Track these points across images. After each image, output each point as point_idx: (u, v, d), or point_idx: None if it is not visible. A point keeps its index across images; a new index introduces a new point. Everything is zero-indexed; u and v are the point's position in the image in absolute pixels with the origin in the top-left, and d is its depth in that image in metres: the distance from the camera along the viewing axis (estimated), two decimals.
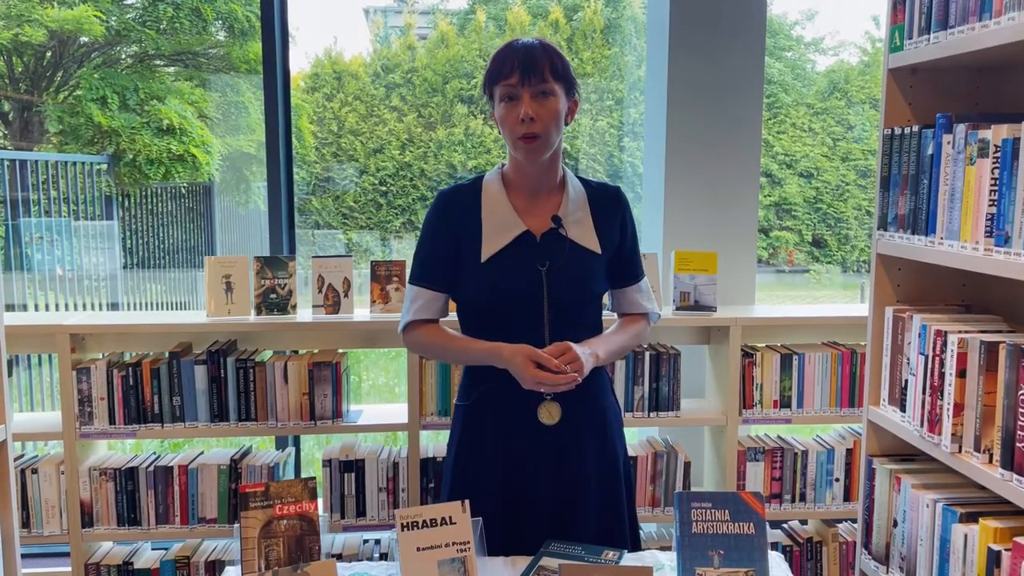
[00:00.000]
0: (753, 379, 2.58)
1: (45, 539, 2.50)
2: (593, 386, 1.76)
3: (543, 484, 1.72)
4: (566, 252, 1.72)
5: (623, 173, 7.92)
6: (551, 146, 1.69)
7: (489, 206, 1.74)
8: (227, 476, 2.51)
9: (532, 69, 1.63)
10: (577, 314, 1.73)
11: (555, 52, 1.68)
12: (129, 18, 7.65)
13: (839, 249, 9.35)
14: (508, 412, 1.72)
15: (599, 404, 1.79)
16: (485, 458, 1.74)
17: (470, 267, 1.72)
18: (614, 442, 1.80)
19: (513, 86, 1.64)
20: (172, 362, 2.46)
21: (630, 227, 1.84)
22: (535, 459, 1.72)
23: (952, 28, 1.58)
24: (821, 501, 2.63)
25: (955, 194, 1.57)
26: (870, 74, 9.40)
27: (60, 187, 6.27)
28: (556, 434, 1.71)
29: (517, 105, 1.64)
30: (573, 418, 1.72)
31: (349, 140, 8.12)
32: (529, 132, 1.64)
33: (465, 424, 1.78)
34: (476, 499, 1.70)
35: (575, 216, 1.75)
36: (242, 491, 1.41)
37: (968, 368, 1.56)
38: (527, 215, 1.74)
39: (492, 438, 1.74)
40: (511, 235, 1.71)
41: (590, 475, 1.75)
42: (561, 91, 1.67)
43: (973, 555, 1.52)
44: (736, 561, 1.41)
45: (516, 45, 1.67)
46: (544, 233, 1.72)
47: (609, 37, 8.34)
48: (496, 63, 1.67)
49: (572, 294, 1.72)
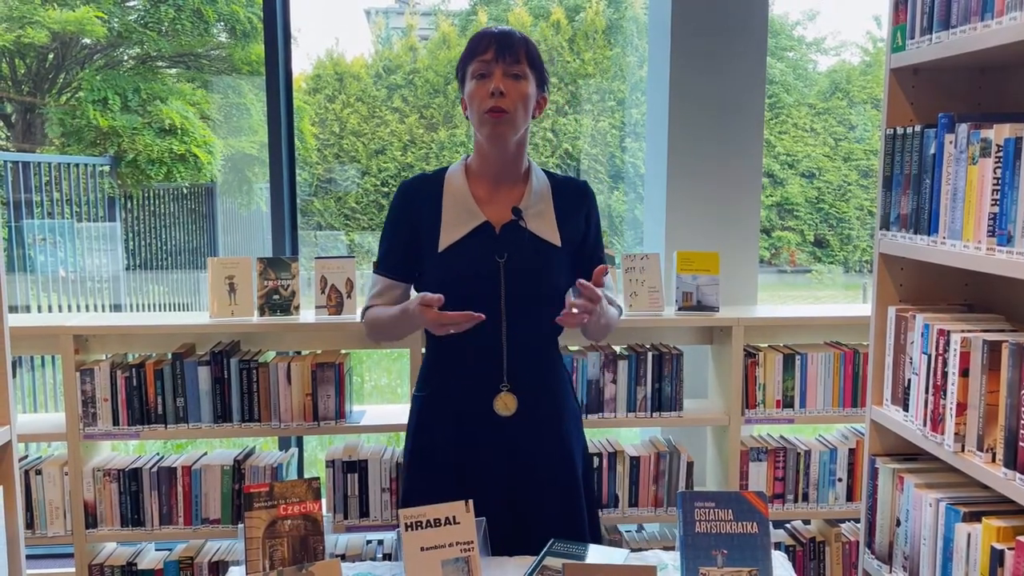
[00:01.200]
0: (756, 379, 2.58)
1: (49, 540, 2.50)
2: (551, 380, 1.77)
3: (498, 475, 1.72)
4: (525, 244, 1.71)
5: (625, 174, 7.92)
6: (517, 129, 1.68)
7: (450, 196, 1.74)
8: (230, 477, 2.52)
9: (508, 48, 1.65)
10: (536, 307, 1.72)
11: (531, 42, 1.70)
12: (131, 20, 7.66)
13: (841, 249, 9.34)
14: (464, 403, 1.73)
15: (556, 398, 1.79)
16: (441, 449, 1.75)
17: (429, 257, 1.73)
18: (570, 436, 1.81)
19: (487, 62, 1.65)
20: (175, 363, 2.46)
21: (595, 221, 1.83)
22: (490, 450, 1.73)
23: (954, 28, 1.58)
24: (824, 501, 2.63)
25: (957, 194, 1.57)
26: (872, 74, 9.40)
27: (63, 189, 6.28)
28: (511, 426, 1.72)
29: (488, 81, 1.65)
30: (529, 410, 1.72)
31: (351, 141, 8.13)
32: (497, 106, 1.64)
33: (422, 414, 1.79)
34: (431, 489, 1.72)
35: (537, 208, 1.74)
36: (246, 491, 1.42)
37: (971, 367, 1.56)
38: (488, 205, 1.73)
39: (448, 429, 1.75)
40: (470, 226, 1.71)
41: (545, 468, 1.75)
42: (533, 78, 1.68)
43: (976, 554, 1.52)
44: (739, 561, 1.41)
45: (494, 28, 1.69)
46: (504, 225, 1.72)
47: (611, 38, 8.34)
48: (472, 43, 1.69)
49: (530, 287, 1.71)
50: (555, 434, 1.78)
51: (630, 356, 2.55)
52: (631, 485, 2.58)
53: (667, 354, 2.57)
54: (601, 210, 1.94)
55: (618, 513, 2.59)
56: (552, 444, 1.77)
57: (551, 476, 1.76)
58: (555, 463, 1.77)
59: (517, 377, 1.72)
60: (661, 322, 2.58)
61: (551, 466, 1.76)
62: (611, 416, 2.56)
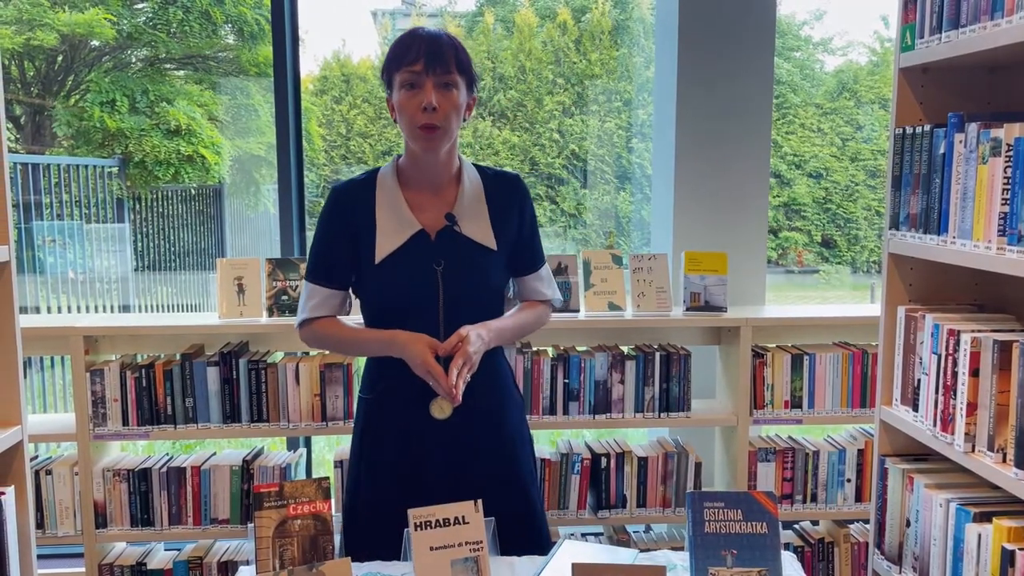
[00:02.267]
0: (764, 379, 2.58)
1: (59, 540, 2.52)
2: (490, 380, 1.76)
3: (439, 477, 1.72)
4: (461, 250, 1.70)
5: (631, 174, 7.92)
6: (450, 138, 1.68)
7: (383, 203, 1.72)
8: (239, 477, 2.52)
9: (438, 58, 1.62)
10: (474, 311, 1.71)
11: (460, 45, 1.67)
12: (139, 22, 7.69)
13: (849, 249, 9.32)
14: (405, 406, 1.72)
15: (496, 396, 1.78)
16: (384, 451, 1.75)
17: (366, 267, 1.71)
18: (512, 434, 1.80)
19: (417, 73, 1.62)
20: (185, 363, 2.47)
21: (528, 215, 1.82)
22: (430, 453, 1.72)
23: (964, 27, 1.58)
24: (833, 502, 2.62)
25: (967, 193, 1.57)
26: (879, 74, 9.38)
27: (71, 190, 6.31)
28: (450, 428, 1.71)
29: (418, 93, 1.62)
30: (467, 412, 1.70)
31: (358, 143, 8.15)
32: (430, 123, 1.62)
33: (367, 418, 1.78)
34: (376, 492, 1.72)
35: (471, 211, 1.73)
36: (256, 491, 1.42)
37: (981, 367, 1.55)
38: (422, 212, 1.72)
39: (390, 432, 1.74)
40: (405, 235, 1.69)
41: (485, 464, 1.75)
42: (463, 84, 1.66)
43: (987, 555, 1.52)
44: (749, 561, 1.41)
45: (421, 32, 1.65)
46: (439, 231, 1.71)
47: (617, 38, 8.34)
48: (400, 48, 1.65)
49: (468, 292, 1.71)
50: (495, 432, 1.77)
51: (638, 356, 2.55)
52: (639, 485, 2.58)
53: (675, 354, 2.56)
54: (607, 210, 1.94)
55: (626, 513, 2.59)
56: (495, 443, 1.77)
57: (494, 471, 1.75)
58: (499, 462, 1.77)
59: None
60: (669, 322, 2.58)
61: (493, 462, 1.76)
62: (619, 416, 2.56)
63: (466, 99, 1.68)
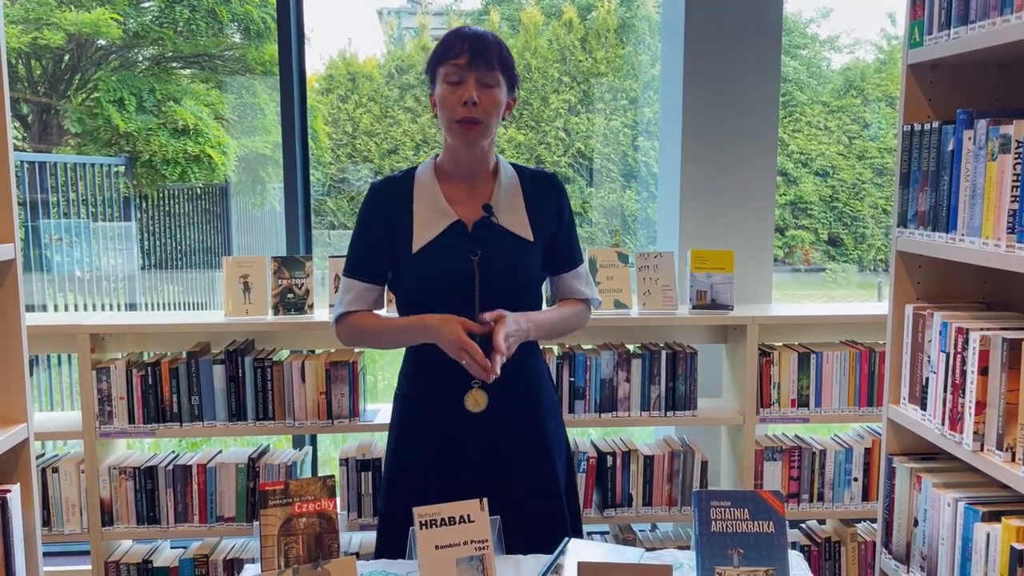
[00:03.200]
0: (770, 378, 2.57)
1: (66, 537, 2.52)
2: (525, 375, 1.76)
3: (475, 472, 1.72)
4: (497, 240, 1.71)
5: (637, 172, 7.90)
6: (488, 136, 1.69)
7: (421, 197, 1.74)
8: (245, 475, 2.52)
9: (482, 55, 1.64)
10: (510, 303, 1.71)
11: (504, 45, 1.69)
12: (146, 21, 7.71)
13: (855, 248, 9.30)
14: (440, 400, 1.72)
15: (531, 391, 1.78)
16: (420, 446, 1.75)
17: (403, 258, 1.72)
18: (546, 431, 1.79)
19: (460, 67, 1.64)
20: (190, 362, 2.48)
21: (566, 212, 1.82)
22: (466, 447, 1.72)
23: (972, 23, 1.57)
24: (839, 501, 2.61)
25: (976, 190, 1.56)
26: (886, 71, 9.35)
27: (79, 189, 6.33)
28: (485, 422, 1.71)
29: (460, 87, 1.64)
30: (502, 406, 1.71)
31: (364, 141, 8.16)
32: (470, 116, 1.64)
33: (403, 412, 1.79)
34: (411, 487, 1.71)
35: (507, 204, 1.74)
36: (262, 489, 1.42)
37: (990, 366, 1.54)
38: (459, 204, 1.73)
39: (426, 426, 1.74)
40: (442, 225, 1.71)
41: (522, 463, 1.74)
42: (505, 84, 1.68)
43: (995, 554, 1.51)
44: (756, 560, 1.40)
45: (467, 30, 1.68)
46: (476, 222, 1.72)
47: (623, 36, 8.33)
48: (445, 44, 1.67)
49: (504, 282, 1.71)
50: (532, 429, 1.77)
51: (644, 355, 2.55)
52: (645, 484, 2.58)
53: (681, 353, 2.56)
54: (613, 209, 1.94)
55: (632, 512, 2.58)
56: (529, 439, 1.77)
57: (528, 471, 1.76)
58: (532, 458, 1.77)
59: None
60: (675, 321, 2.57)
61: (528, 461, 1.76)
62: (625, 415, 2.55)
63: (506, 99, 1.70)
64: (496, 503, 1.70)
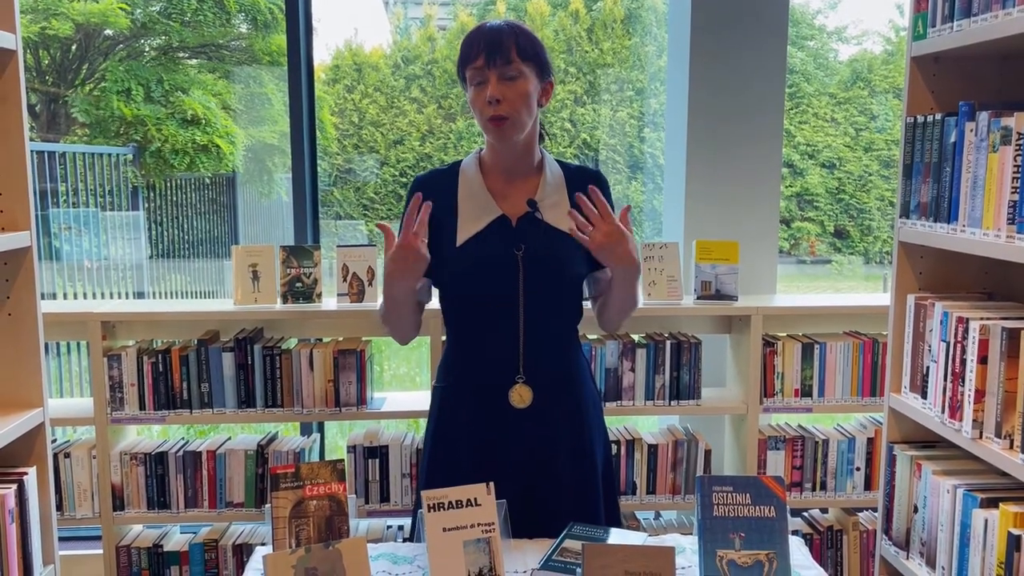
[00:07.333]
0: (774, 368, 2.59)
1: (78, 522, 2.56)
2: (569, 371, 1.77)
3: (515, 467, 1.72)
4: (542, 236, 1.72)
5: (643, 164, 7.90)
6: (522, 128, 1.68)
7: (465, 191, 1.75)
8: (254, 461, 2.56)
9: (497, 51, 1.63)
10: (554, 299, 1.73)
11: (523, 32, 1.67)
12: (153, 11, 7.72)
13: (861, 240, 9.28)
14: (481, 394, 1.73)
15: (574, 389, 1.79)
16: (459, 440, 1.75)
17: (446, 252, 1.73)
18: (590, 428, 1.80)
19: (479, 69, 1.64)
20: (200, 349, 2.51)
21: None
22: (507, 442, 1.72)
23: (975, 16, 1.58)
24: (842, 490, 2.64)
25: (978, 181, 1.57)
26: (894, 63, 9.30)
27: (87, 178, 6.36)
28: (528, 417, 1.72)
29: (485, 88, 1.65)
30: (546, 402, 1.72)
31: (370, 131, 8.16)
32: (496, 114, 1.64)
33: (442, 406, 1.79)
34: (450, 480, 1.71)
35: (552, 199, 1.74)
36: (273, 472, 1.45)
37: (990, 354, 1.56)
38: (503, 199, 1.74)
39: (466, 420, 1.75)
40: (486, 219, 1.72)
41: (563, 460, 1.75)
42: (531, 72, 1.67)
43: (993, 540, 1.53)
44: (757, 544, 1.42)
45: (483, 28, 1.67)
46: (520, 217, 1.73)
47: (629, 27, 8.31)
48: (464, 47, 1.67)
49: (548, 277, 1.72)
50: (574, 426, 1.78)
51: (648, 345, 2.57)
52: (649, 472, 2.60)
53: (685, 343, 2.58)
54: (619, 199, 1.95)
55: (636, 500, 2.61)
56: (571, 436, 1.77)
57: (569, 469, 1.76)
58: (574, 456, 1.77)
59: (533, 369, 1.72)
60: (680, 311, 2.59)
61: (570, 459, 1.76)
62: (629, 404, 2.58)
63: (538, 86, 1.69)
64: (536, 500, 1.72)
